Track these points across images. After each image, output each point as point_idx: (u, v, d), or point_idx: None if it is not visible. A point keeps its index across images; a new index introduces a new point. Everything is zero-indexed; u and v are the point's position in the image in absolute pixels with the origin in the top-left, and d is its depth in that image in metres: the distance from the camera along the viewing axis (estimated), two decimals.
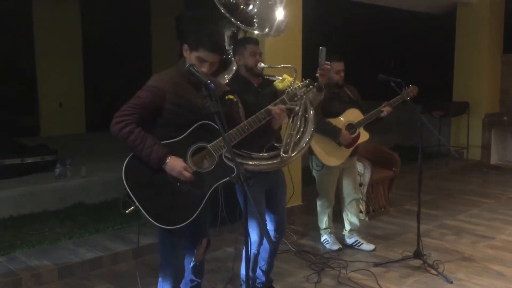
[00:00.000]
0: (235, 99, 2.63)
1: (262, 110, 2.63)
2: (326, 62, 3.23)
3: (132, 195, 2.36)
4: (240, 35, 3.76)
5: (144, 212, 2.38)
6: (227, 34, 3.47)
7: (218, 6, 3.30)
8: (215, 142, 2.47)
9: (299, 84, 2.75)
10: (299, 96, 2.72)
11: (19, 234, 4.32)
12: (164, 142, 2.43)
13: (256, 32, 3.56)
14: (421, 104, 7.75)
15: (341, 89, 4.24)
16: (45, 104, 8.50)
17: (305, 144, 3.17)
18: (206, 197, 2.50)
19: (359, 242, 4.47)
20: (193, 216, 2.47)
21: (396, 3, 7.70)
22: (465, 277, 3.83)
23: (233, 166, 2.40)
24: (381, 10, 7.92)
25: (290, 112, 2.98)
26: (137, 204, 2.37)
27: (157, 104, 2.44)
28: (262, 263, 3.39)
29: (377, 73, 4.08)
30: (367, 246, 4.44)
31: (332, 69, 4.11)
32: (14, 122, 8.02)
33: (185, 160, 2.43)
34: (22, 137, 6.77)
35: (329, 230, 4.47)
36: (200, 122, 2.47)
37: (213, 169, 2.49)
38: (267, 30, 3.58)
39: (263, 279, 3.44)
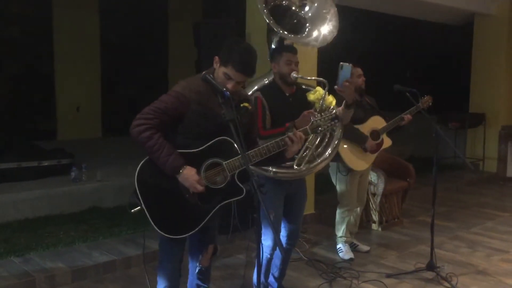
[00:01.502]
0: (250, 107, 2.64)
1: (280, 138, 2.56)
2: (348, 79, 2.99)
3: (139, 196, 2.38)
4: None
5: (147, 215, 2.39)
6: (274, 39, 3.30)
7: (264, 15, 3.11)
8: (231, 160, 2.46)
9: (325, 113, 2.68)
10: (321, 129, 2.65)
11: (34, 236, 4.38)
12: (181, 151, 2.43)
13: (303, 40, 3.33)
14: (437, 116, 7.73)
15: (362, 97, 4.29)
16: (63, 108, 8.64)
17: (324, 159, 3.14)
18: (211, 214, 2.52)
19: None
20: (194, 230, 2.50)
21: (413, 14, 7.69)
22: None
23: (243, 188, 2.46)
24: (399, 20, 7.91)
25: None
26: (143, 206, 2.38)
27: (180, 111, 2.43)
28: (274, 270, 3.40)
29: (393, 84, 4.10)
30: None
31: (358, 75, 4.17)
32: (31, 125, 8.16)
33: (198, 173, 2.44)
34: (39, 140, 6.88)
35: (345, 239, 4.48)
36: (220, 138, 2.47)
37: (223, 187, 2.50)
38: (313, 38, 3.33)
39: (275, 286, 3.44)
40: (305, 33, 3.28)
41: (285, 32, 3.15)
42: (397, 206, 5.52)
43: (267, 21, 3.12)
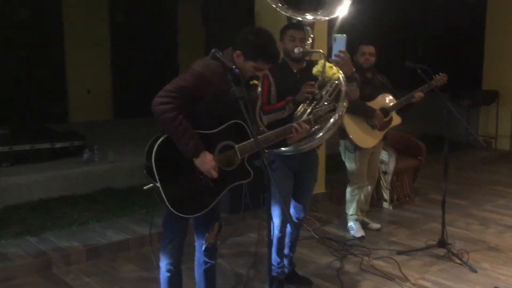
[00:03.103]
0: (259, 84, 2.64)
1: (289, 125, 2.66)
2: (342, 50, 3.01)
3: (156, 173, 2.39)
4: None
5: (162, 193, 2.39)
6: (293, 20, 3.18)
7: (281, 10, 3.03)
8: (243, 144, 2.50)
9: (324, 105, 2.83)
10: (322, 119, 2.81)
11: (49, 217, 4.45)
12: (197, 131, 2.42)
13: (324, 15, 3.19)
14: (449, 93, 7.65)
15: (374, 75, 4.25)
16: (74, 90, 8.68)
17: (327, 130, 3.09)
18: (221, 195, 2.56)
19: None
20: (204, 211, 2.52)
21: None
22: (490, 266, 3.79)
23: (251, 171, 2.55)
24: None
25: (313, 96, 2.98)
26: (158, 183, 2.40)
27: (199, 91, 2.41)
28: (285, 248, 3.43)
29: (405, 60, 4.05)
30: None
31: (360, 53, 4.14)
32: (43, 108, 8.22)
33: (213, 155, 2.46)
34: (51, 123, 6.94)
35: (356, 217, 4.49)
36: (233, 121, 2.49)
37: (234, 169, 2.53)
38: (336, 9, 3.17)
39: (286, 263, 3.47)
40: (323, 8, 3.19)
41: (307, 16, 3.09)
42: (408, 184, 5.52)
43: (286, 14, 3.06)
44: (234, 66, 2.41)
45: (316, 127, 2.89)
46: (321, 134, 3.01)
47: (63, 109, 8.58)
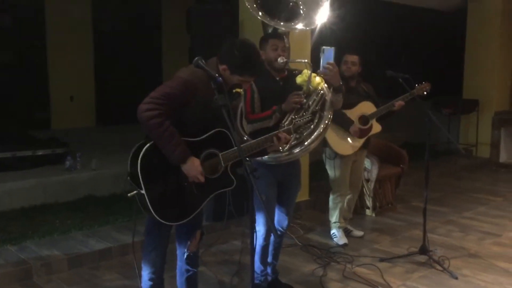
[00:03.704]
0: (242, 93, 2.66)
1: (271, 134, 2.71)
2: (329, 62, 3.08)
3: (141, 180, 2.38)
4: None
5: (147, 199, 2.38)
6: (269, 28, 3.23)
7: (254, 12, 3.07)
8: (226, 152, 2.53)
9: (303, 115, 2.95)
10: (301, 129, 2.95)
11: (30, 225, 4.39)
12: (183, 139, 2.43)
13: (298, 26, 3.25)
14: (430, 101, 7.76)
15: (357, 84, 4.31)
16: (56, 97, 8.60)
17: (312, 140, 3.14)
18: (204, 202, 2.58)
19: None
20: (188, 218, 2.53)
21: (407, 0, 7.69)
22: (470, 273, 3.84)
23: (234, 179, 2.60)
24: (392, 6, 7.91)
25: (300, 105, 3.01)
26: (144, 190, 2.39)
27: (185, 98, 2.42)
28: (268, 256, 3.43)
29: (387, 69, 4.11)
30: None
31: (343, 61, 4.19)
32: (25, 115, 8.13)
33: None
34: (33, 129, 6.86)
35: (338, 224, 4.51)
36: (217, 129, 2.52)
37: (217, 177, 2.56)
38: (309, 21, 3.25)
39: (269, 271, 3.48)
40: (301, 17, 3.24)
41: (281, 23, 3.13)
42: (390, 191, 5.57)
43: (259, 18, 3.09)
44: (217, 75, 2.43)
45: (296, 136, 2.93)
46: (306, 143, 3.05)
47: (45, 116, 8.49)
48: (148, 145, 2.40)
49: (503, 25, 8.04)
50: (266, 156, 3.00)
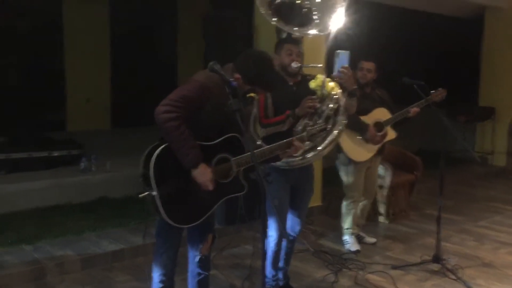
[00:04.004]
0: (256, 97, 2.68)
1: (284, 141, 2.71)
2: (344, 66, 3.08)
3: (153, 181, 2.40)
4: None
5: (158, 201, 2.40)
6: (283, 34, 3.28)
7: (268, 17, 3.08)
8: (239, 157, 2.54)
9: (315, 126, 2.90)
10: (316, 136, 2.93)
11: (44, 225, 4.44)
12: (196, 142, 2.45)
13: (312, 31, 3.24)
14: (445, 109, 7.69)
15: (373, 90, 4.29)
16: (73, 100, 8.71)
17: (326, 145, 3.14)
18: (215, 206, 2.59)
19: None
20: (198, 221, 2.54)
21: (423, 6, 7.65)
22: (484, 283, 3.79)
23: (245, 185, 2.60)
24: (408, 12, 7.88)
25: (313, 110, 3.01)
26: (156, 191, 2.40)
27: (201, 102, 2.44)
28: (280, 261, 3.43)
29: (403, 76, 4.09)
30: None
31: (358, 68, 4.18)
32: (42, 116, 8.24)
33: (209, 166, 2.48)
34: (49, 131, 6.95)
35: (351, 231, 4.49)
36: (231, 134, 2.54)
37: (229, 182, 2.56)
38: (323, 27, 3.23)
39: (280, 276, 3.47)
40: (314, 23, 3.24)
41: (294, 28, 3.14)
42: (404, 199, 5.53)
43: (272, 23, 3.11)
44: (232, 79, 2.44)
45: (309, 144, 2.93)
46: (319, 148, 3.04)
47: (61, 118, 8.60)
48: (162, 147, 2.42)
49: None
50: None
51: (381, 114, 4.28)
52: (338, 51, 3.10)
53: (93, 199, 5.20)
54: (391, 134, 4.35)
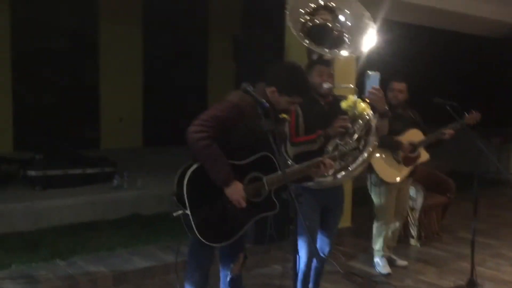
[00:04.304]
0: (288, 119, 2.71)
1: (315, 160, 2.74)
2: (374, 87, 3.08)
3: (186, 200, 2.44)
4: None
5: (191, 219, 2.44)
6: (313, 57, 3.27)
7: (301, 40, 3.12)
8: (270, 176, 2.57)
9: (350, 143, 2.96)
10: (348, 156, 2.96)
11: (78, 241, 4.54)
12: (228, 161, 2.48)
13: (343, 53, 3.29)
14: (479, 130, 7.54)
15: (404, 110, 4.27)
16: (107, 118, 8.94)
17: (357, 166, 3.13)
18: (247, 225, 2.61)
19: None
20: (231, 240, 2.56)
21: (457, 27, 7.59)
22: None
23: (277, 203, 2.61)
24: (442, 33, 7.83)
25: (344, 130, 3.02)
26: (188, 210, 2.44)
27: (233, 122, 2.49)
28: (309, 283, 3.41)
29: (437, 96, 4.06)
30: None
31: (389, 89, 4.17)
32: (77, 134, 8.48)
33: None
34: (83, 149, 7.13)
35: (382, 253, 4.43)
36: (263, 153, 2.57)
37: (261, 201, 2.59)
38: (354, 48, 3.30)
39: None
40: (346, 45, 3.28)
41: (325, 50, 3.18)
42: (436, 221, 5.43)
43: (305, 44, 3.15)
44: (264, 100, 2.48)
45: (341, 163, 2.94)
46: (350, 169, 3.04)
47: (95, 136, 8.83)
48: (194, 166, 2.46)
49: None
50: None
51: (414, 135, 4.24)
52: (369, 72, 3.11)
53: (125, 215, 5.29)
54: (424, 156, 4.31)
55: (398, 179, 4.22)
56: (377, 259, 4.44)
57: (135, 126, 9.25)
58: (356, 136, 3.06)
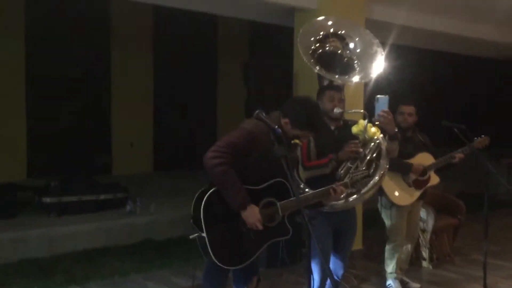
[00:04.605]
0: (300, 143, 2.79)
1: (328, 187, 2.82)
2: (384, 110, 3.16)
3: (203, 223, 2.51)
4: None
5: (208, 243, 2.51)
6: (324, 83, 3.38)
7: (312, 66, 3.24)
8: (284, 202, 2.66)
9: (361, 171, 3.02)
10: (359, 183, 3.00)
11: (92, 266, 4.60)
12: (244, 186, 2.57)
13: (352, 79, 3.41)
14: (488, 152, 7.57)
15: (414, 133, 4.33)
16: (118, 144, 9.07)
17: (369, 189, 3.19)
18: (261, 249, 2.68)
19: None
20: (245, 263, 2.63)
21: (464, 50, 7.70)
22: None
23: (290, 229, 2.68)
24: (449, 56, 7.94)
25: (355, 155, 3.08)
26: (205, 233, 2.50)
27: (248, 148, 2.60)
28: None
29: (446, 119, 4.12)
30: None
31: (399, 112, 4.24)
32: (88, 160, 8.59)
33: None
34: (95, 175, 7.23)
35: (395, 275, 4.42)
36: (277, 179, 2.66)
37: (275, 226, 2.67)
38: (363, 75, 3.41)
39: None
40: (356, 71, 3.38)
41: (335, 76, 3.28)
42: (448, 243, 5.42)
43: (316, 71, 3.25)
44: (276, 126, 2.57)
45: (352, 190, 3.00)
46: (362, 192, 3.09)
47: (107, 162, 8.94)
48: (211, 190, 2.55)
49: None
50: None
51: (424, 158, 4.28)
52: (378, 96, 3.20)
53: (138, 241, 5.34)
54: (434, 179, 4.34)
55: (408, 202, 4.25)
56: (390, 282, 4.44)
57: (145, 152, 9.36)
58: (367, 159, 3.12)
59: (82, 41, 8.43)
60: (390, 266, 4.44)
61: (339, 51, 3.36)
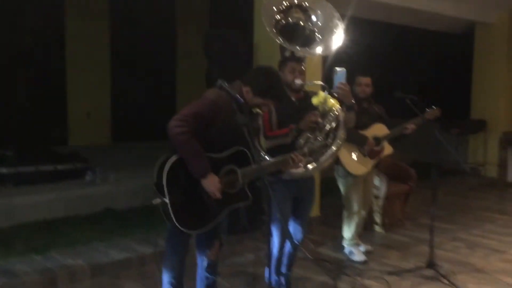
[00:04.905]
0: (261, 112, 2.88)
1: (286, 156, 2.93)
2: (341, 82, 3.31)
3: (166, 189, 2.58)
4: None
5: (170, 208, 2.58)
6: (286, 54, 3.42)
7: (274, 37, 3.27)
8: (245, 169, 2.75)
9: (319, 140, 3.12)
10: (317, 152, 3.15)
11: (52, 236, 4.58)
12: (206, 154, 2.65)
13: (314, 51, 3.47)
14: (439, 122, 7.91)
15: (370, 105, 4.49)
16: (74, 115, 8.89)
17: (327, 158, 3.32)
18: (222, 215, 2.79)
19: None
20: (206, 228, 2.74)
21: (415, 22, 7.91)
22: (476, 287, 3.97)
23: (250, 195, 2.80)
24: (399, 28, 8.14)
25: (315, 125, 3.21)
26: (167, 199, 2.58)
27: (211, 118, 2.66)
28: (282, 267, 3.60)
29: (399, 90, 4.29)
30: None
31: (357, 83, 4.38)
32: (44, 131, 8.39)
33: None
34: (52, 145, 7.10)
35: (354, 241, 4.63)
36: (238, 147, 2.75)
37: (235, 192, 2.77)
38: (324, 47, 3.45)
39: (283, 281, 3.64)
40: (316, 43, 3.46)
41: (297, 47, 3.35)
42: (399, 209, 5.72)
43: (278, 41, 3.31)
44: (239, 96, 2.65)
45: (310, 159, 3.13)
46: (320, 161, 3.23)
47: (63, 133, 8.76)
48: (174, 158, 2.62)
49: (510, 47, 8.23)
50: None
51: (379, 129, 4.47)
52: (336, 68, 3.33)
53: (98, 210, 5.35)
54: (388, 149, 4.55)
55: (363, 171, 4.44)
56: (350, 249, 4.62)
57: (103, 122, 9.22)
58: (326, 130, 3.25)
59: (34, 8, 8.11)
60: (349, 233, 4.63)
61: (301, 23, 3.43)
